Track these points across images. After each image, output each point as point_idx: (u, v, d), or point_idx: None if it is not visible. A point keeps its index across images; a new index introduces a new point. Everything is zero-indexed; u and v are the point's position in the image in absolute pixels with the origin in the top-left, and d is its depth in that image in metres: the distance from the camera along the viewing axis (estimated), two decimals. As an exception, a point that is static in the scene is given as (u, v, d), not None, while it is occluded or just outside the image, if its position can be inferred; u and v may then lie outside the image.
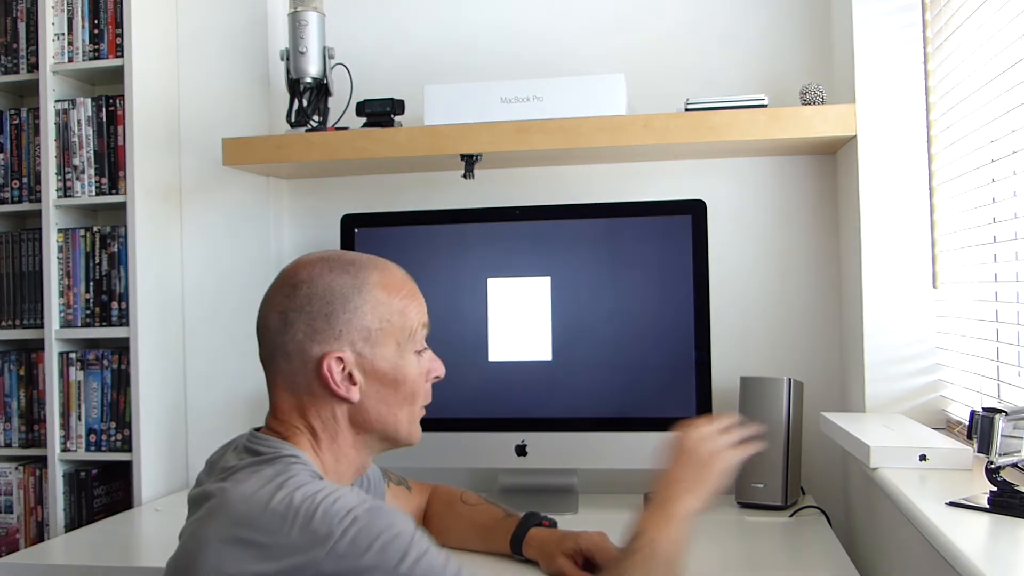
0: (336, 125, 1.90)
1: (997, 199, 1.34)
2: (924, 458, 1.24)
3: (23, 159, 2.01)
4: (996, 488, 1.08)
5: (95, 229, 1.96)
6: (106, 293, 1.94)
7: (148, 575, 1.47)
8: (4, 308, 2.02)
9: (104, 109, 1.95)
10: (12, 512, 1.97)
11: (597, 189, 1.97)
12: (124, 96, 1.92)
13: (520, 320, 1.78)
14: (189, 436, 2.07)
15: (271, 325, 1.06)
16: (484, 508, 1.45)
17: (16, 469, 1.97)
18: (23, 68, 2.02)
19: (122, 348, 1.93)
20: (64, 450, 1.94)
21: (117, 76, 1.93)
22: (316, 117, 1.89)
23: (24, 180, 2.01)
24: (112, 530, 1.74)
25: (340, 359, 1.03)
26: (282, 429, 1.06)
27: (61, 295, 1.95)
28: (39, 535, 1.96)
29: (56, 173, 1.95)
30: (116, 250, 1.94)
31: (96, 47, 1.94)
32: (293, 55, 1.85)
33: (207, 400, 2.07)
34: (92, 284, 1.95)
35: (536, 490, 1.80)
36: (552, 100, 1.75)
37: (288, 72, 1.87)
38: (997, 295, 1.38)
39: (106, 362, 1.94)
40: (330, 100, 1.91)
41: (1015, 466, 1.17)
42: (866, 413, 1.64)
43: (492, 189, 2.01)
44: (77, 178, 1.94)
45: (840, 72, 1.80)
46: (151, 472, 1.93)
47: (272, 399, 1.08)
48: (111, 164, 1.94)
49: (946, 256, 1.59)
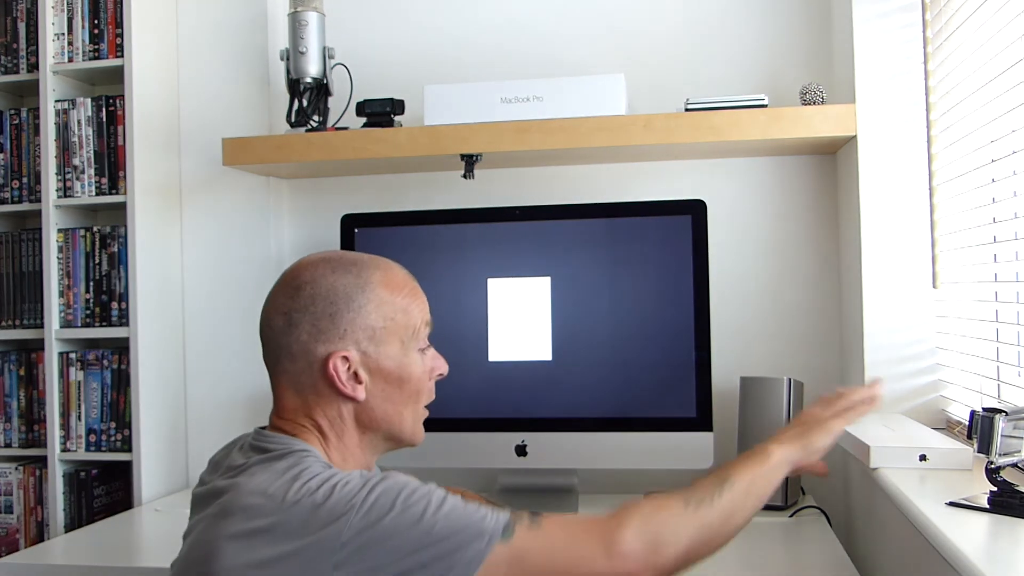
0: (336, 125, 1.90)
1: (997, 199, 1.34)
2: (924, 458, 1.24)
3: (23, 159, 2.01)
4: (996, 488, 1.08)
5: (95, 229, 1.96)
6: (106, 293, 1.94)
7: (148, 575, 1.47)
8: (4, 308, 2.02)
9: (104, 109, 1.95)
10: (12, 512, 1.97)
11: (597, 189, 1.97)
12: (124, 96, 1.92)
13: (520, 320, 1.78)
14: (189, 436, 2.07)
15: (275, 326, 1.06)
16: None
17: (16, 469, 1.97)
18: (23, 68, 2.02)
19: (122, 348, 1.93)
20: (64, 450, 1.94)
21: (117, 76, 1.93)
22: (316, 117, 1.89)
23: (24, 180, 2.01)
24: (112, 530, 1.74)
25: (345, 358, 1.04)
26: (289, 427, 1.06)
27: (61, 295, 1.95)
28: (39, 535, 1.96)
29: (56, 173, 1.95)
30: (116, 250, 1.94)
31: (96, 47, 1.94)
32: (293, 55, 1.85)
33: (207, 400, 2.07)
34: (92, 284, 1.95)
35: (536, 490, 1.80)
36: (552, 100, 1.75)
37: (288, 72, 1.87)
38: (997, 295, 1.38)
39: (106, 362, 1.94)
40: (330, 100, 1.91)
41: (1015, 466, 1.17)
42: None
43: (492, 189, 2.01)
44: (77, 178, 1.94)
45: (840, 72, 1.80)
46: (151, 472, 1.93)
47: (277, 399, 1.08)
48: (111, 164, 1.94)
49: (946, 256, 1.59)
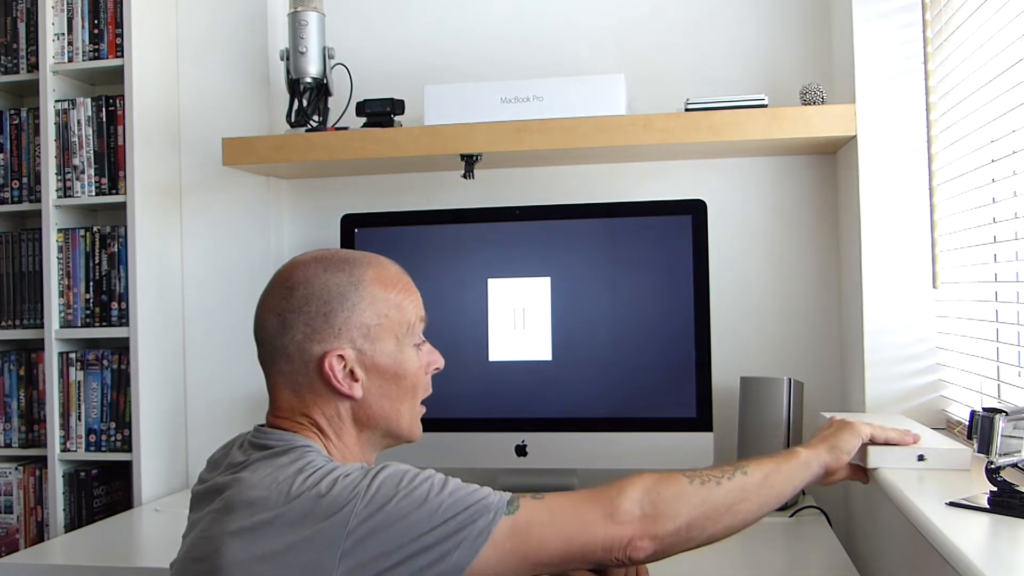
0: (336, 125, 1.90)
1: (997, 199, 1.34)
2: (922, 458, 1.24)
3: (23, 159, 2.01)
4: (996, 488, 1.07)
5: (95, 229, 1.95)
6: (106, 293, 1.94)
7: (148, 575, 1.47)
8: (4, 308, 2.02)
9: (104, 109, 1.95)
10: (12, 512, 1.97)
11: (597, 189, 1.97)
12: (124, 96, 1.92)
13: (520, 320, 1.78)
14: (189, 436, 2.07)
15: (269, 328, 1.06)
16: None
17: (16, 469, 1.97)
18: (23, 68, 2.02)
19: (122, 348, 1.93)
20: (64, 450, 1.94)
21: (117, 76, 1.93)
22: (316, 117, 1.89)
23: (24, 180, 2.01)
24: (112, 530, 1.74)
25: (341, 357, 1.04)
26: (288, 425, 1.06)
27: (61, 295, 1.95)
28: (39, 535, 1.96)
29: (56, 173, 1.95)
30: (116, 250, 1.94)
31: (96, 47, 1.94)
32: (293, 55, 1.85)
33: (207, 400, 2.07)
34: (92, 284, 1.95)
35: (536, 490, 1.80)
36: (552, 100, 1.75)
37: (288, 72, 1.87)
38: (997, 295, 1.38)
39: (106, 362, 1.94)
40: (330, 100, 1.91)
41: (1015, 466, 1.17)
42: (866, 413, 1.63)
43: (492, 189, 2.01)
44: (77, 178, 1.94)
45: (840, 72, 1.80)
46: (151, 472, 1.93)
47: (274, 399, 1.08)
48: (111, 164, 1.94)
49: (946, 256, 1.59)
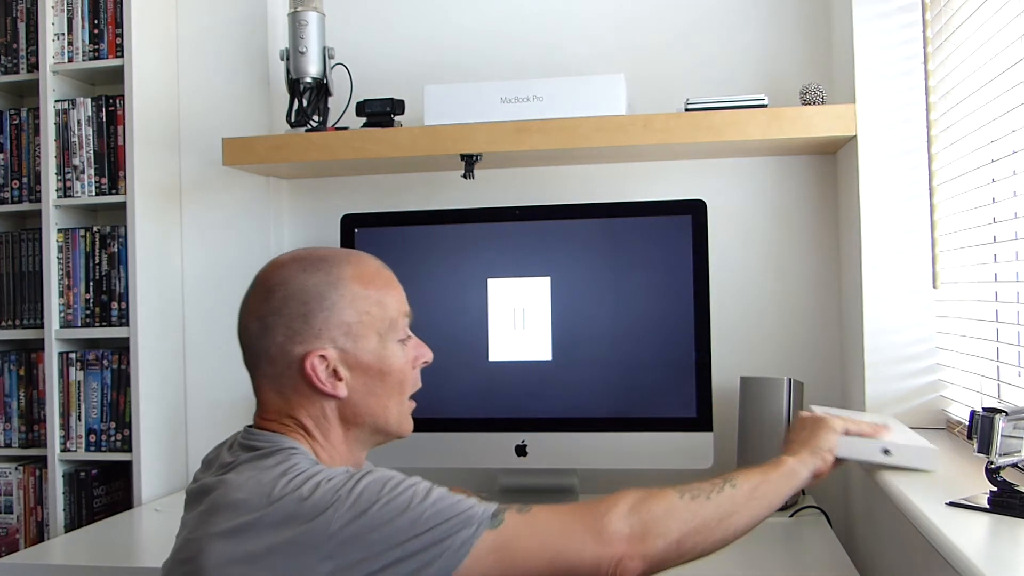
0: (336, 125, 1.90)
1: (997, 199, 1.34)
2: (887, 452, 1.23)
3: (23, 159, 2.01)
4: (996, 488, 1.08)
5: (95, 229, 1.95)
6: (106, 293, 1.94)
7: (148, 575, 1.47)
8: (4, 308, 2.02)
9: (104, 109, 1.95)
10: (12, 512, 1.97)
11: (597, 189, 1.97)
12: (124, 96, 1.92)
13: (520, 320, 1.78)
14: (189, 436, 2.07)
15: (251, 331, 1.07)
16: None
17: (16, 469, 1.97)
18: (23, 68, 2.02)
19: (122, 348, 1.93)
20: (64, 450, 1.94)
21: (117, 76, 1.93)
22: (316, 117, 1.89)
23: (24, 180, 2.01)
24: (112, 530, 1.74)
25: (323, 357, 1.04)
26: (275, 427, 1.07)
27: (61, 295, 1.95)
28: (39, 535, 1.96)
29: (56, 173, 1.95)
30: (116, 250, 1.94)
31: (96, 47, 1.94)
32: (293, 55, 1.85)
33: (207, 400, 2.07)
34: (92, 284, 1.95)
35: (536, 490, 1.80)
36: (552, 100, 1.75)
37: (288, 72, 1.86)
38: (997, 295, 1.38)
39: (106, 362, 1.94)
40: (330, 100, 1.91)
41: (1015, 466, 1.17)
42: (864, 412, 1.63)
43: (492, 189, 2.01)
44: (77, 178, 1.94)
45: (840, 72, 1.80)
46: (151, 472, 1.93)
47: (260, 401, 1.09)
48: (111, 164, 1.94)
49: (946, 256, 1.59)
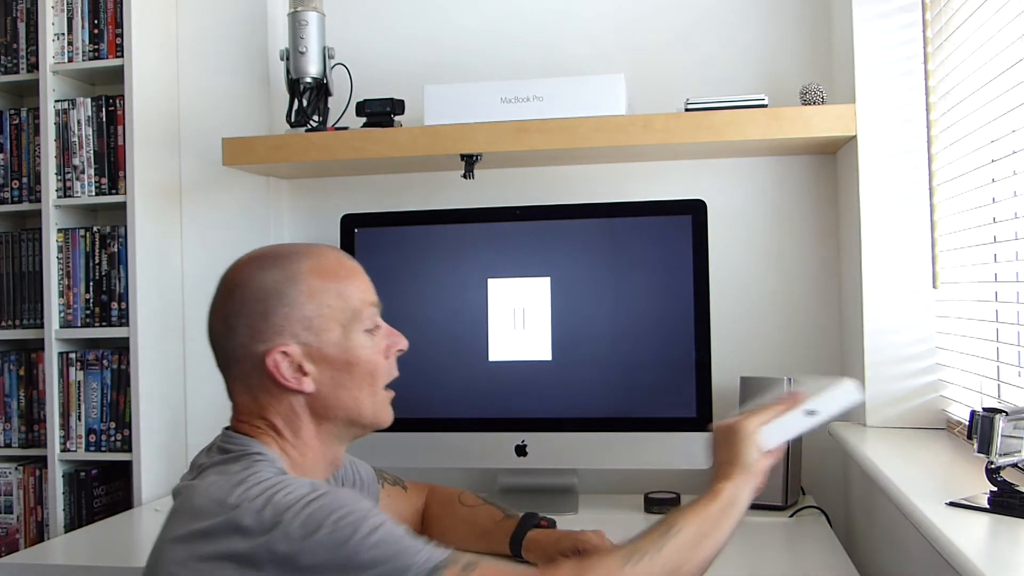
0: (336, 125, 1.90)
1: (997, 199, 1.34)
2: (812, 413, 1.13)
3: (23, 159, 2.01)
4: (996, 488, 1.08)
5: (95, 229, 1.95)
6: (106, 293, 1.94)
7: (148, 575, 1.47)
8: (4, 308, 2.02)
9: (104, 109, 1.95)
10: (12, 512, 1.97)
11: (597, 189, 1.97)
12: (124, 96, 1.92)
13: (520, 320, 1.78)
14: (189, 436, 2.07)
15: (217, 333, 1.07)
16: (483, 509, 1.44)
17: (16, 469, 1.97)
18: (23, 68, 2.02)
19: (122, 348, 1.93)
20: (64, 450, 1.94)
21: (117, 76, 1.93)
22: (316, 117, 1.89)
23: (24, 180, 2.01)
24: (112, 530, 1.74)
25: (285, 353, 1.04)
26: (247, 429, 1.07)
27: (61, 295, 1.95)
28: (39, 535, 1.96)
29: (56, 173, 1.95)
30: (116, 250, 1.94)
31: (96, 47, 1.94)
32: (293, 55, 1.85)
33: (207, 400, 2.07)
34: (92, 284, 1.95)
35: (536, 490, 1.80)
36: (552, 100, 1.75)
37: (288, 72, 1.86)
38: (997, 295, 1.38)
39: (106, 362, 1.94)
40: (330, 100, 1.91)
41: (1015, 466, 1.17)
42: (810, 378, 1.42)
43: (492, 189, 2.01)
44: (77, 178, 1.94)
45: (840, 72, 1.80)
46: (151, 472, 1.93)
47: (233, 403, 1.09)
48: (111, 164, 1.94)
49: (946, 256, 1.59)
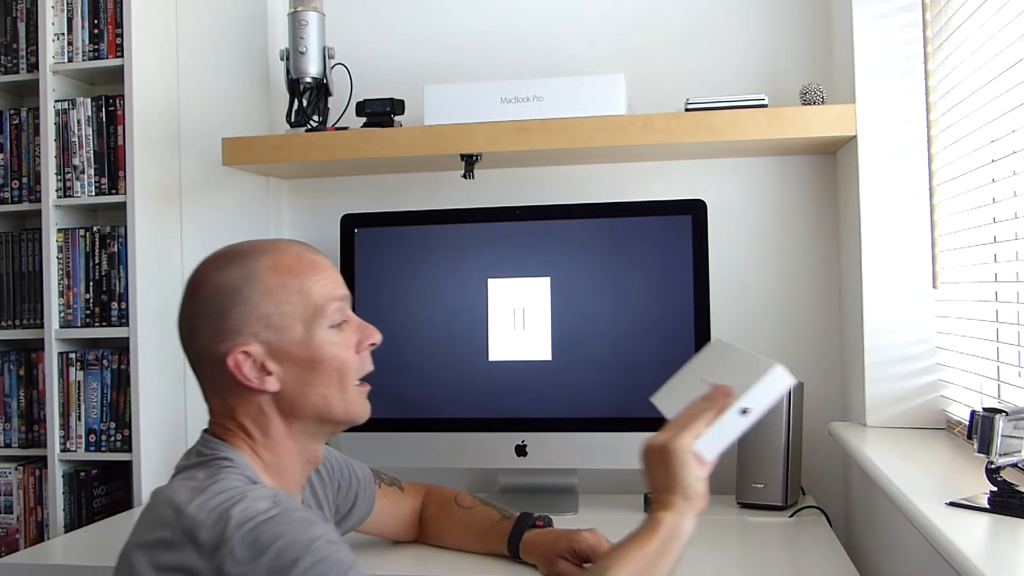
0: (336, 125, 1.90)
1: (997, 199, 1.34)
2: (746, 411, 1.08)
3: (23, 159, 2.01)
4: (996, 488, 1.08)
5: (95, 229, 1.95)
6: (106, 293, 1.94)
7: (148, 575, 1.47)
8: (4, 308, 2.02)
9: (104, 109, 1.95)
10: (12, 512, 1.97)
11: (597, 189, 1.97)
12: (124, 96, 1.92)
13: (520, 320, 1.78)
14: (189, 436, 2.07)
15: (183, 334, 1.07)
16: (479, 511, 1.44)
17: (16, 469, 1.97)
18: (23, 68, 2.02)
19: (122, 348, 1.93)
20: (64, 450, 1.94)
21: (117, 76, 1.93)
22: (316, 117, 1.89)
23: (24, 180, 2.01)
24: (112, 530, 1.74)
25: (247, 353, 1.02)
26: (219, 432, 1.07)
27: (61, 295, 1.95)
28: (39, 535, 1.95)
29: (56, 173, 1.95)
30: (116, 250, 1.94)
31: (96, 47, 1.94)
32: (293, 55, 1.85)
33: (207, 400, 2.07)
34: (92, 284, 1.95)
35: (536, 490, 1.80)
36: (552, 100, 1.75)
37: (288, 72, 1.87)
38: (997, 295, 1.38)
39: (106, 362, 1.94)
40: (330, 100, 1.91)
41: (1015, 466, 1.17)
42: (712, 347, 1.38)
43: (492, 189, 2.01)
44: (77, 178, 1.94)
45: (840, 72, 1.80)
46: (151, 472, 1.93)
47: (208, 405, 1.09)
48: (111, 164, 1.94)
49: (946, 256, 1.59)
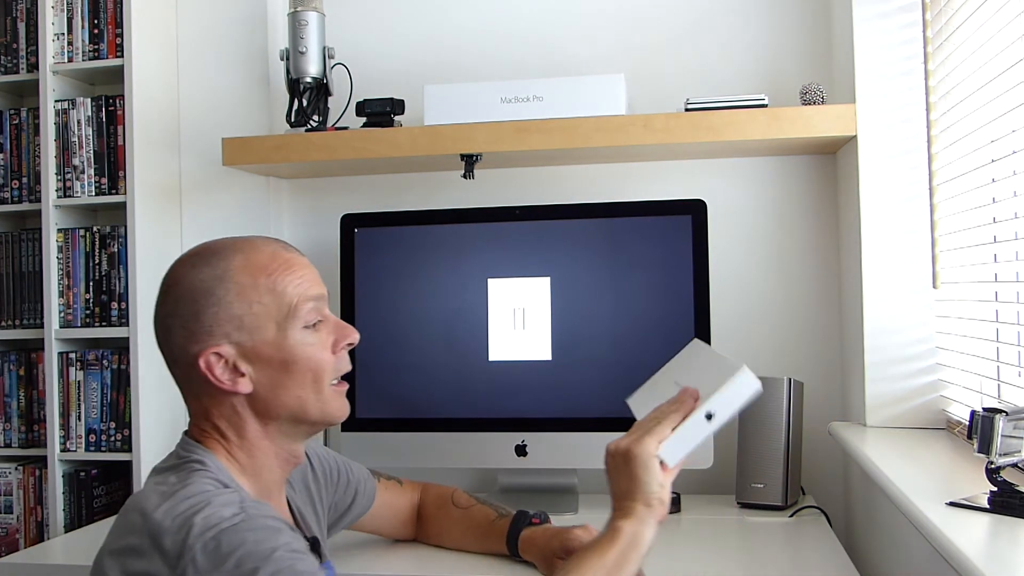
0: (336, 125, 1.90)
1: (997, 199, 1.34)
2: (710, 416, 1.04)
3: (23, 159, 2.01)
4: (996, 488, 1.08)
5: (95, 229, 1.95)
6: (106, 293, 1.94)
7: (148, 575, 1.47)
8: (4, 308, 2.02)
9: (104, 109, 1.95)
10: (12, 512, 1.97)
11: (597, 189, 1.97)
12: (124, 96, 1.92)
13: (520, 320, 1.78)
14: (189, 436, 2.07)
15: (158, 334, 1.06)
16: (476, 510, 1.44)
17: (16, 469, 1.97)
18: (23, 68, 2.02)
19: (122, 348, 1.93)
20: (64, 450, 1.94)
21: (117, 76, 1.93)
22: (316, 117, 1.89)
23: (24, 180, 2.01)
24: (112, 530, 1.74)
25: (218, 354, 1.01)
26: (196, 433, 1.06)
27: (61, 295, 1.95)
28: (39, 535, 1.95)
29: (56, 173, 1.95)
30: (116, 250, 1.94)
31: (96, 47, 1.94)
32: (293, 55, 1.85)
33: (207, 400, 2.07)
34: (92, 284, 1.95)
35: (536, 490, 1.80)
36: (552, 100, 1.75)
37: (288, 72, 1.86)
38: (997, 295, 1.38)
39: (106, 362, 1.94)
40: (330, 100, 1.91)
41: (1015, 466, 1.17)
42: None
43: (492, 189, 2.01)
44: (77, 178, 1.94)
45: (840, 72, 1.80)
46: (151, 472, 1.93)
47: (185, 404, 1.08)
48: (111, 164, 1.94)
49: (946, 256, 1.59)
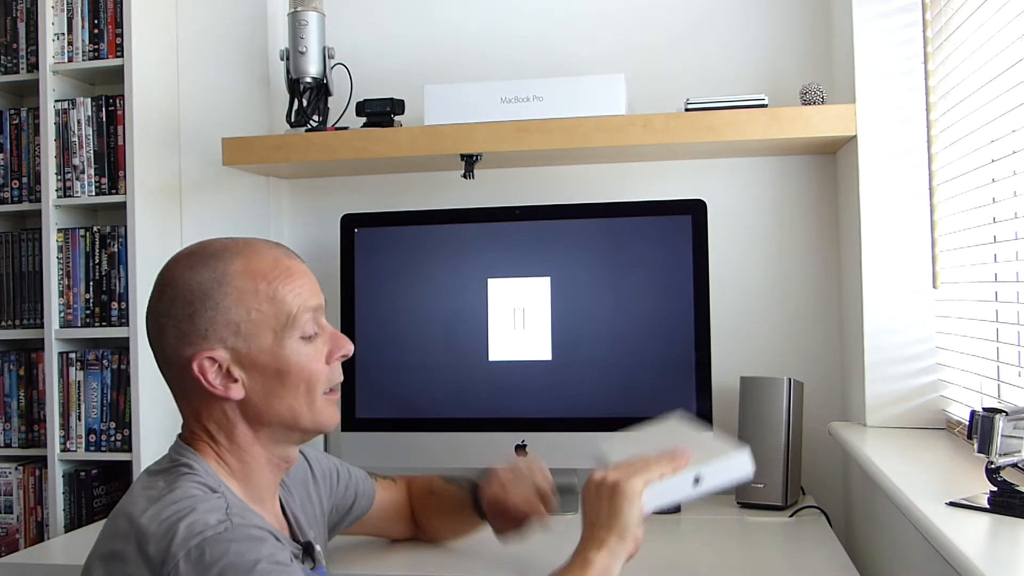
0: (336, 125, 1.90)
1: (997, 199, 1.34)
2: (698, 481, 1.06)
3: (23, 159, 2.01)
4: (996, 488, 1.08)
5: (95, 229, 1.95)
6: (106, 293, 1.94)
7: (148, 575, 1.47)
8: (4, 308, 2.02)
9: (104, 109, 1.95)
10: (12, 512, 1.97)
11: (597, 189, 1.97)
12: (124, 96, 1.92)
13: (520, 320, 1.78)
14: (189, 436, 2.07)
15: (150, 333, 1.04)
16: (447, 494, 1.43)
17: (16, 469, 1.97)
18: (23, 68, 2.02)
19: (122, 348, 1.93)
20: (64, 450, 1.94)
21: (117, 76, 1.93)
22: (316, 117, 1.89)
23: (24, 180, 2.01)
24: (112, 530, 1.74)
25: (212, 359, 0.99)
26: (187, 435, 1.05)
27: (61, 295, 1.95)
28: (39, 535, 1.96)
29: (56, 173, 1.95)
30: (116, 250, 1.94)
31: (96, 47, 1.94)
32: (293, 55, 1.85)
33: (207, 400, 2.07)
34: (92, 284, 1.95)
35: (536, 490, 1.80)
36: (552, 100, 1.75)
37: (288, 72, 1.87)
38: (997, 295, 1.38)
39: (106, 362, 1.94)
40: (330, 100, 1.91)
41: (1015, 466, 1.17)
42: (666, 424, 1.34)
43: (492, 189, 2.01)
44: (77, 178, 1.94)
45: (840, 72, 1.80)
46: (151, 472, 1.93)
47: (177, 406, 1.07)
48: (111, 164, 1.94)
49: (946, 256, 1.59)
